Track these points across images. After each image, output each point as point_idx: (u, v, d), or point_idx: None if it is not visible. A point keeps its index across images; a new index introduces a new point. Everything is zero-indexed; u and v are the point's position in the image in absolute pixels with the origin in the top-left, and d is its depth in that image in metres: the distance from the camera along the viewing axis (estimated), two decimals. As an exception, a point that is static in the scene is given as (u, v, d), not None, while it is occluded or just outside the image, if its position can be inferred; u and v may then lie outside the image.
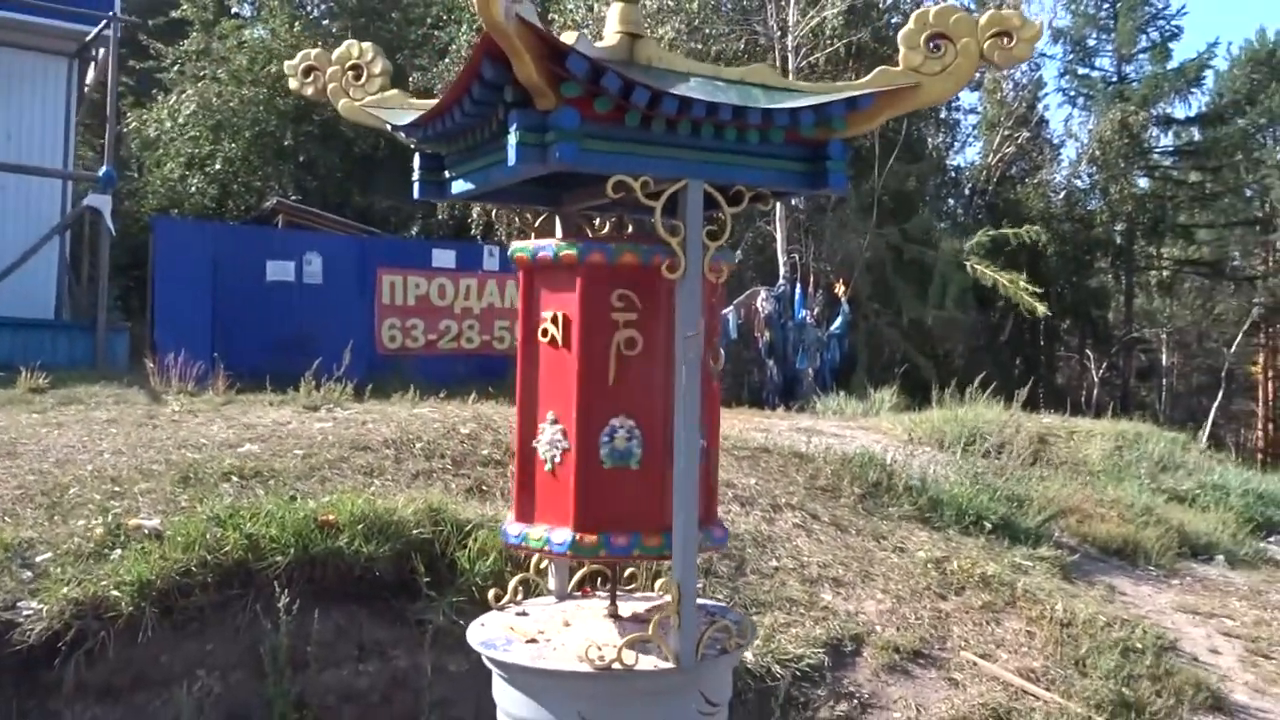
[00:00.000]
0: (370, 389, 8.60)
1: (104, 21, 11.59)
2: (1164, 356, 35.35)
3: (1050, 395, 22.40)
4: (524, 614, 3.18)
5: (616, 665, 2.69)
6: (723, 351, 3.07)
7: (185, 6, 23.64)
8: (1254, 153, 32.66)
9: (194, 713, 3.92)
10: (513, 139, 2.49)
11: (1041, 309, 20.19)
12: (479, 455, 6.09)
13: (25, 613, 3.85)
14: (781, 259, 19.21)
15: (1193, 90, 32.24)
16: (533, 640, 2.92)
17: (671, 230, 2.63)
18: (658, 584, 3.58)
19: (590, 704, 2.77)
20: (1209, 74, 32.38)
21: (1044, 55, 32.53)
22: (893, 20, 22.99)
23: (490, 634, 2.99)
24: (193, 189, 22.44)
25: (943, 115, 25.82)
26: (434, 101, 3.03)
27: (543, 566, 3.41)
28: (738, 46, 20.79)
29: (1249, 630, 6.65)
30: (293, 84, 3.53)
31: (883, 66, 2.79)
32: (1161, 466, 10.87)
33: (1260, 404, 32.66)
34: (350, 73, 3.44)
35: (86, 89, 14.64)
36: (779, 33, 19.33)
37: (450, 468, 5.82)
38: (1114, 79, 32.38)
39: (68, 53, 13.01)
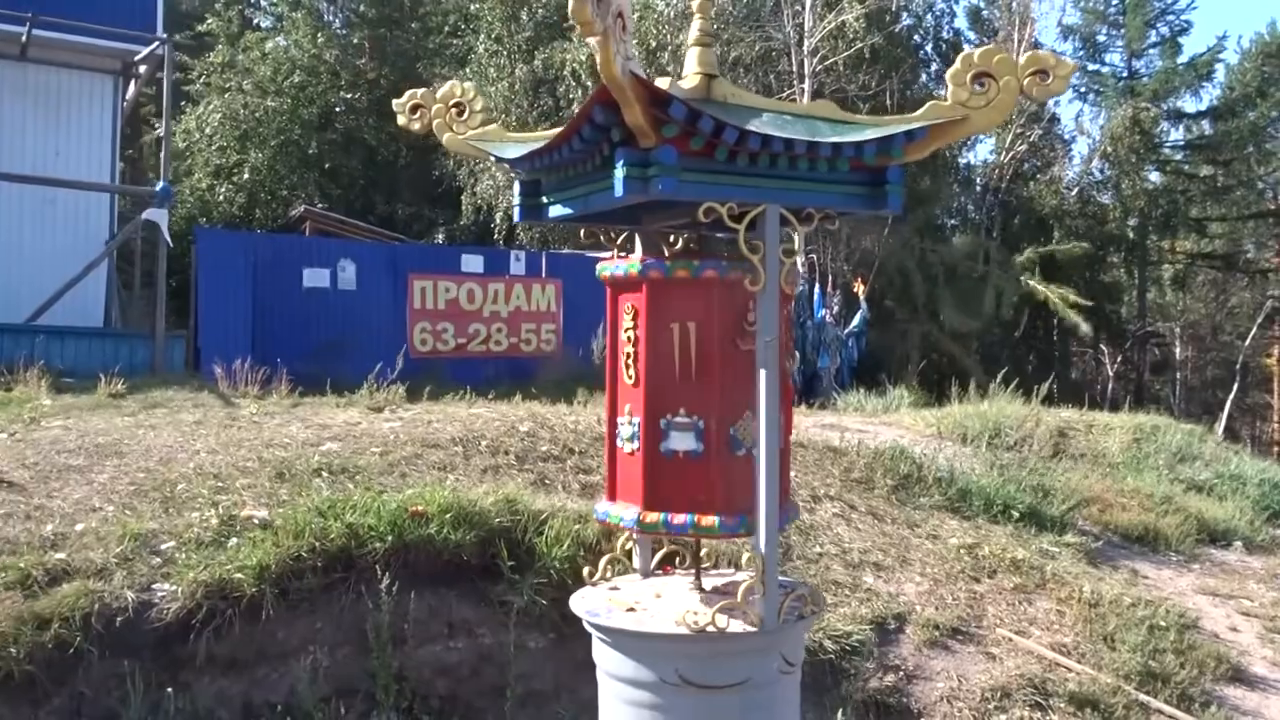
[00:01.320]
0: (409, 390, 8.94)
1: (155, 43, 12.04)
2: (1178, 350, 35.54)
3: (1066, 390, 22.71)
4: (616, 589, 3.58)
5: (710, 628, 3.09)
6: (797, 354, 3.47)
7: (211, 21, 24.18)
8: (1265, 145, 32.82)
9: (308, 684, 4.35)
10: (619, 173, 2.89)
11: (1085, 327, 20.68)
12: (539, 451, 6.52)
13: (160, 594, 4.28)
14: (800, 259, 19.58)
15: (1203, 84, 32.45)
16: (631, 609, 3.32)
17: (753, 248, 3.03)
18: (743, 561, 3.98)
19: (687, 662, 3.17)
20: (1219, 68, 32.60)
21: (1055, 52, 32.85)
22: (905, 23, 23.40)
23: (592, 604, 3.40)
24: (221, 198, 22.98)
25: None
26: (529, 134, 3.45)
27: (628, 547, 3.80)
28: (753, 52, 21.20)
29: (1267, 610, 7.02)
30: (400, 120, 3.92)
31: (933, 101, 3.18)
32: (1179, 457, 11.19)
33: (1275, 396, 32.81)
34: (453, 109, 3.83)
35: (125, 104, 15.12)
36: (796, 37, 19.70)
37: (514, 463, 6.25)
38: (1124, 74, 32.59)
39: (113, 71, 13.49)
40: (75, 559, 4.40)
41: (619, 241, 3.82)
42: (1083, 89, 33.24)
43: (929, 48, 25.64)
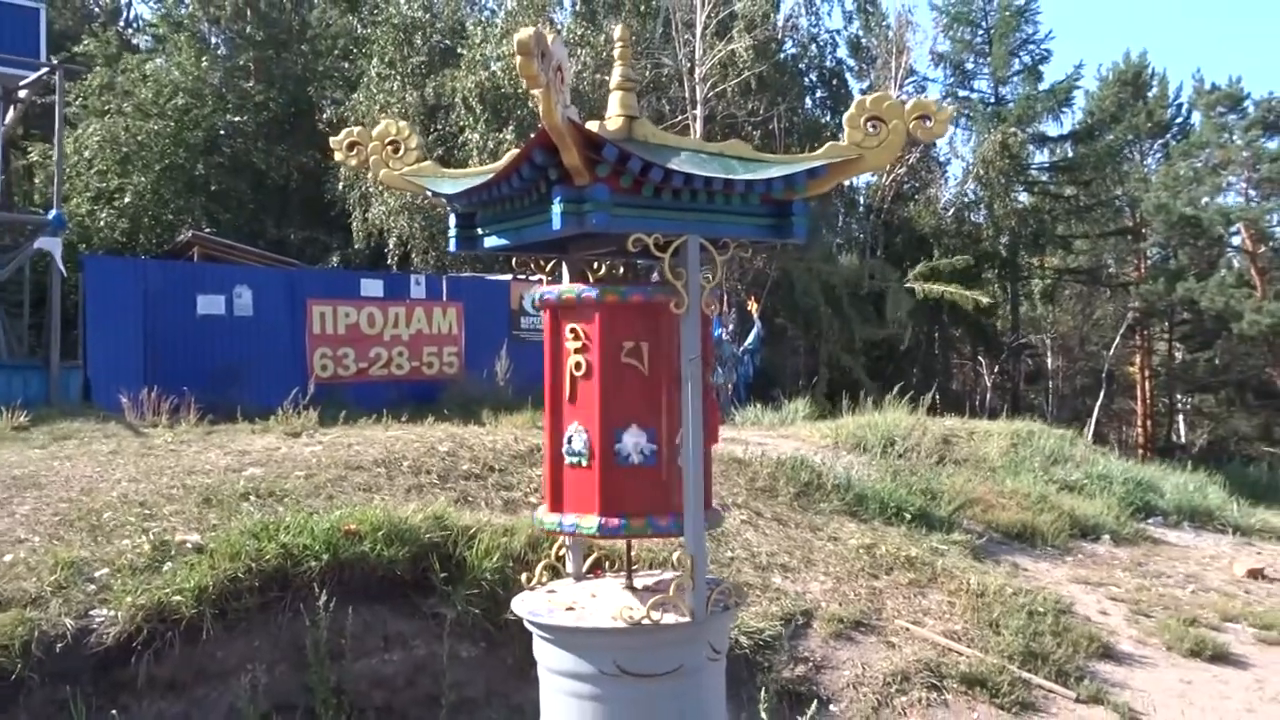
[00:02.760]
0: (314, 416, 8.95)
1: (43, 68, 11.81)
2: (1049, 360, 37.46)
3: (948, 400, 23.82)
4: (553, 591, 3.86)
5: (645, 621, 3.40)
6: (719, 369, 3.82)
7: (88, 42, 23.53)
8: (1122, 166, 34.98)
9: (247, 701, 4.48)
10: (557, 209, 3.20)
11: (985, 299, 21.70)
12: (460, 470, 6.73)
13: (98, 619, 4.36)
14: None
15: (1063, 109, 34.38)
16: (570, 608, 3.61)
17: (676, 275, 3.38)
18: (674, 559, 4.30)
19: (624, 654, 3.47)
20: (1078, 94, 34.63)
21: (927, 79, 34.38)
22: (790, 51, 24.27)
23: (534, 605, 3.67)
24: (101, 223, 22.33)
25: (839, 139, 27.13)
26: (462, 171, 3.76)
27: (562, 553, 4.08)
28: (644, 78, 21.69)
29: (1132, 595, 7.69)
30: (337, 155, 4.15)
31: (832, 142, 3.58)
32: (1052, 460, 11.99)
33: (1139, 402, 34.78)
34: (389, 147, 4.09)
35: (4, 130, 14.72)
36: (687, 65, 20.28)
37: (437, 482, 6.45)
38: (992, 100, 34.33)
39: (-4, 97, 13.17)
40: (8, 589, 4.45)
41: (547, 269, 4.12)
42: (955, 114, 34.89)
43: (813, 75, 26.60)
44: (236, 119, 24.35)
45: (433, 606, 5.08)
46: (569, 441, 3.56)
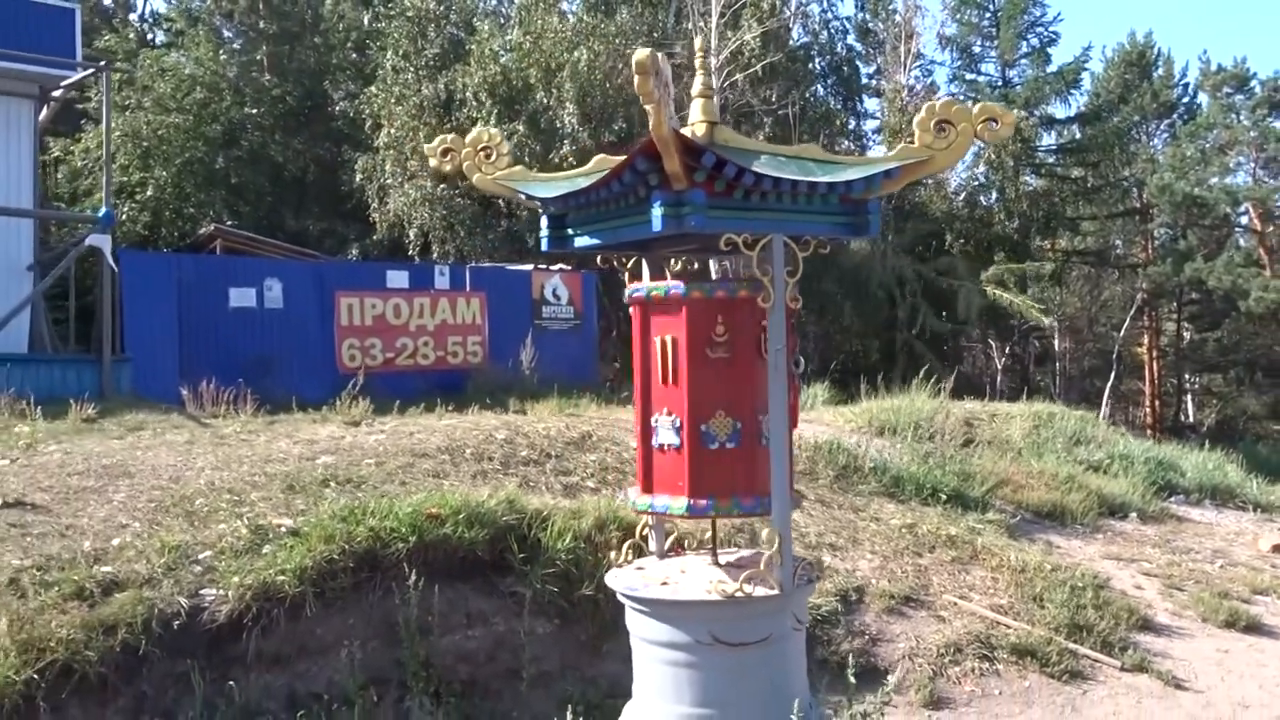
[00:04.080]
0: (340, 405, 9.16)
1: (89, 69, 12.07)
2: (1057, 343, 37.66)
3: (959, 383, 24.10)
4: (641, 568, 4.14)
5: (739, 594, 3.68)
6: (802, 358, 4.09)
7: (109, 37, 23.73)
8: (1129, 147, 35.13)
9: (345, 674, 4.76)
10: (657, 211, 3.45)
11: (1048, 320, 22.03)
12: (519, 457, 7.01)
13: (208, 598, 4.65)
14: (714, 268, 20.39)
15: (1071, 91, 34.50)
16: (664, 583, 3.88)
17: (763, 271, 3.64)
18: (762, 537, 4.56)
19: (718, 624, 3.75)
20: (1085, 76, 34.75)
21: (934, 62, 34.55)
22: (801, 40, 24.44)
23: (628, 581, 3.95)
24: (124, 217, 22.55)
25: (850, 125, 27.37)
26: (553, 175, 4.04)
27: (645, 533, 4.35)
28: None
29: (1163, 570, 7.97)
30: (432, 162, 4.40)
31: (904, 144, 3.83)
32: (1075, 441, 12.27)
33: (1147, 383, 35.03)
34: (482, 153, 4.34)
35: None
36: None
37: (499, 468, 6.73)
38: (999, 83, 34.45)
39: (32, 96, 13.38)
40: (122, 571, 4.73)
41: (629, 265, 4.37)
42: (961, 97, 35.02)
43: (823, 62, 26.76)
44: (253, 112, 24.56)
45: (510, 585, 5.36)
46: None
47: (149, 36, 27.72)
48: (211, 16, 26.90)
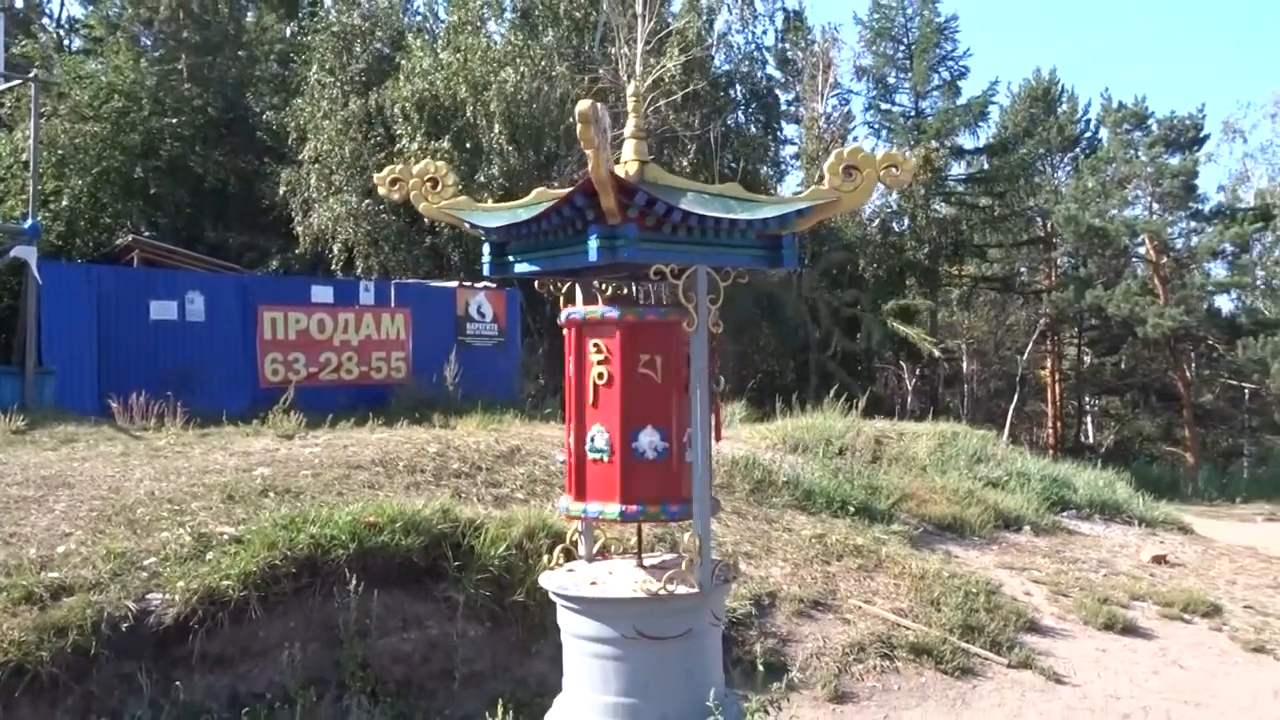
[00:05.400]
0: (263, 419, 9.29)
1: (18, 79, 11.97)
2: (965, 365, 38.98)
3: (871, 403, 24.93)
4: (572, 570, 4.49)
5: (662, 592, 4.05)
6: (722, 378, 4.48)
7: (24, 43, 23.26)
8: (1034, 179, 36.68)
9: (286, 675, 5.00)
10: (594, 243, 3.83)
11: (937, 351, 22.99)
12: (451, 469, 7.30)
13: (155, 603, 4.85)
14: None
15: (979, 123, 35.96)
16: (593, 583, 4.24)
17: (688, 298, 4.04)
18: (684, 541, 4.93)
19: (643, 620, 4.12)
20: (993, 109, 36.23)
21: (851, 91, 35.63)
22: (723, 68, 25.09)
23: (559, 582, 4.29)
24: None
25: (770, 152, 28.10)
26: (495, 206, 4.42)
27: (574, 539, 4.70)
28: (579, 91, 22.27)
29: (1051, 578, 8.58)
30: (381, 190, 4.71)
31: (815, 186, 4.26)
32: (976, 459, 12.93)
33: (1050, 404, 36.44)
34: (428, 183, 4.66)
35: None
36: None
37: (431, 480, 7.01)
38: (912, 114, 35.70)
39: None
40: (69, 577, 4.90)
41: (564, 289, 4.73)
42: (876, 125, 36.23)
43: (744, 90, 27.48)
44: (173, 122, 24.26)
45: (444, 590, 5.65)
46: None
47: (65, 43, 27.17)
48: (131, 24, 26.52)
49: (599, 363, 4.17)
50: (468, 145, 21.36)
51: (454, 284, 18.32)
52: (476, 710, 5.36)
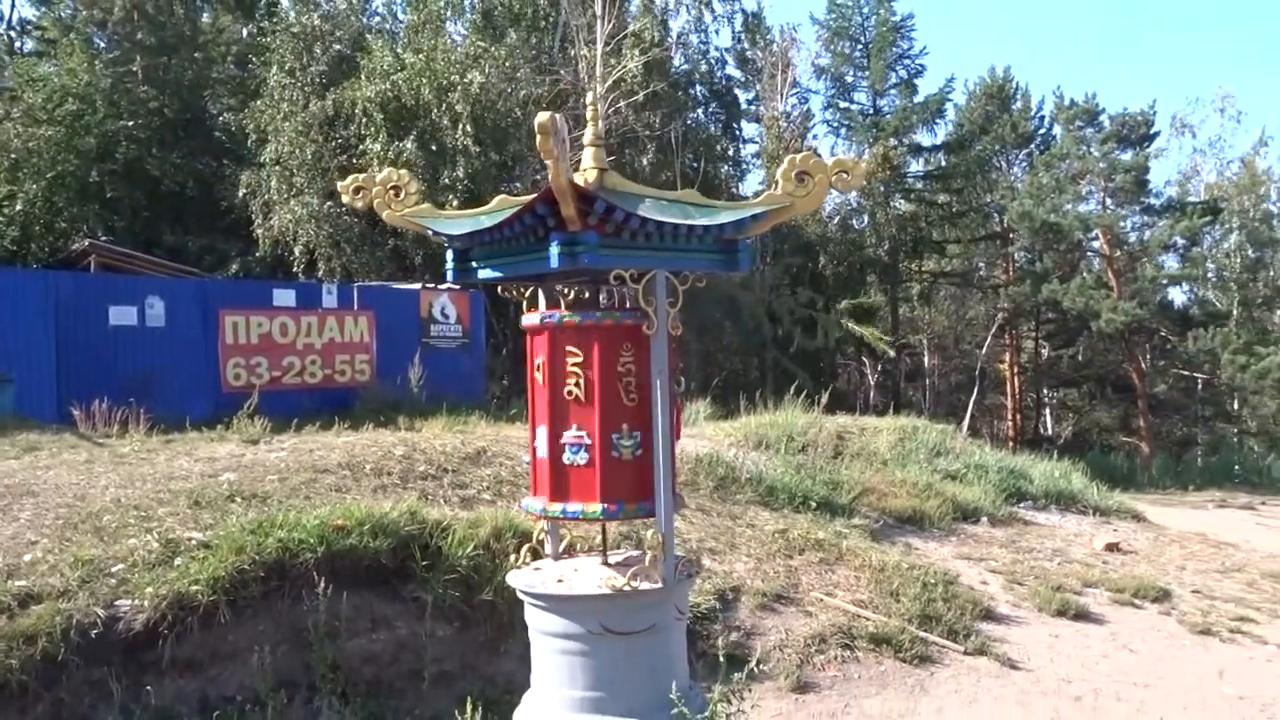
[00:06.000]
0: (227, 424, 9.30)
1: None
2: (926, 359, 39.48)
3: (834, 399, 25.21)
4: (538, 569, 4.60)
5: (627, 588, 4.17)
6: (683, 379, 4.61)
7: (-28, 46, 22.94)
8: (990, 175, 37.21)
9: (257, 678, 5.05)
10: (555, 249, 3.94)
11: (891, 351, 23.28)
12: (417, 472, 7.36)
13: (124, 609, 4.89)
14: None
15: (936, 121, 36.43)
16: (560, 580, 4.35)
17: (647, 302, 4.16)
18: (647, 538, 5.03)
19: (608, 615, 4.23)
20: (949, 107, 36.69)
21: (810, 91, 35.94)
22: (682, 68, 25.24)
23: (526, 580, 4.40)
24: (-10, 231, 21.81)
25: (731, 151, 28.30)
26: (457, 213, 4.51)
27: (541, 538, 4.80)
28: (541, 92, 22.32)
29: (1007, 567, 8.81)
30: (345, 198, 4.78)
31: (769, 192, 4.40)
32: (935, 453, 13.17)
33: (1009, 397, 37.01)
34: (391, 191, 4.75)
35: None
36: (587, 79, 20.98)
37: (398, 483, 7.07)
38: (870, 112, 36.09)
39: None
40: (37, 585, 4.93)
41: (526, 295, 4.83)
42: (835, 124, 36.59)
43: (704, 89, 27.66)
44: (129, 125, 23.99)
45: (412, 591, 5.73)
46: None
47: (17, 45, 26.78)
48: (85, 26, 26.19)
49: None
50: (432, 147, 21.32)
51: (417, 286, 18.32)
52: (446, 709, 5.45)
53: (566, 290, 4.88)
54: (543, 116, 3.66)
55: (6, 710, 4.45)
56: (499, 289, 4.89)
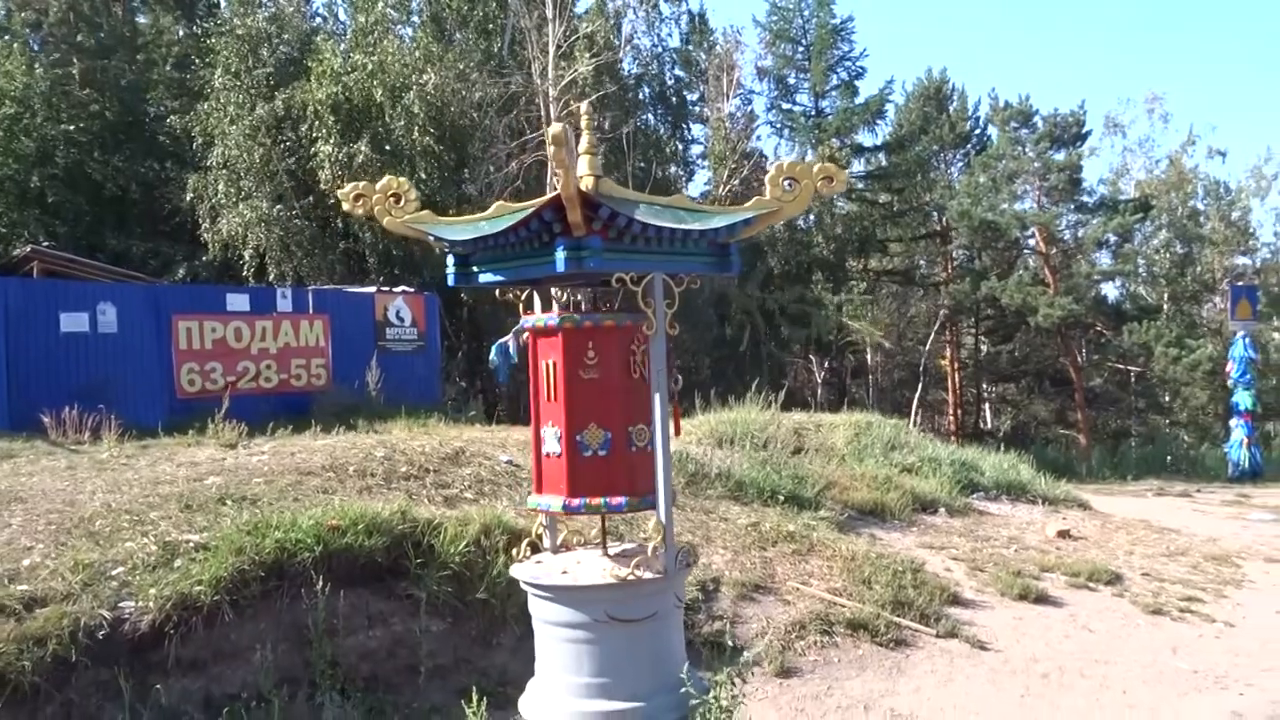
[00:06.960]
0: (179, 430, 9.31)
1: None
2: (870, 357, 40.16)
3: (785, 397, 25.60)
4: (540, 562, 4.77)
5: (630, 577, 4.37)
6: (679, 377, 4.80)
7: (-93, 47, 22.36)
8: (930, 175, 37.97)
9: (259, 675, 5.15)
10: (561, 254, 4.12)
11: (888, 344, 23.64)
12: (400, 472, 7.47)
13: (128, 610, 4.96)
14: (555, 291, 21.06)
15: (877, 122, 37.03)
16: (564, 572, 4.53)
17: (646, 304, 4.36)
18: (650, 528, 5.22)
19: (613, 604, 4.42)
20: (889, 108, 37.37)
21: (753, 92, 36.35)
22: (632, 71, 25.45)
23: (530, 573, 4.58)
24: (-74, 239, 21.31)
25: (678, 151, 28.57)
26: (456, 219, 4.68)
27: (539, 532, 4.98)
28: (494, 93, 22.38)
29: (968, 555, 9.15)
30: (345, 206, 4.90)
31: (758, 197, 4.62)
32: (890, 447, 13.52)
33: (950, 392, 37.81)
34: (391, 198, 4.88)
35: None
36: (541, 84, 21.08)
37: (383, 484, 7.18)
38: (813, 113, 36.61)
39: None
40: (39, 589, 4.97)
41: (523, 298, 5.00)
42: (778, 125, 37.05)
43: (651, 92, 27.89)
44: (69, 128, 23.57)
45: (406, 588, 5.86)
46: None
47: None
48: (20, 27, 25.66)
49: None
50: (386, 148, 21.26)
51: (372, 289, 18.30)
52: (442, 701, 5.59)
53: (561, 293, 5.07)
54: (555, 128, 3.84)
55: (19, 711, 4.51)
56: (497, 292, 5.03)
